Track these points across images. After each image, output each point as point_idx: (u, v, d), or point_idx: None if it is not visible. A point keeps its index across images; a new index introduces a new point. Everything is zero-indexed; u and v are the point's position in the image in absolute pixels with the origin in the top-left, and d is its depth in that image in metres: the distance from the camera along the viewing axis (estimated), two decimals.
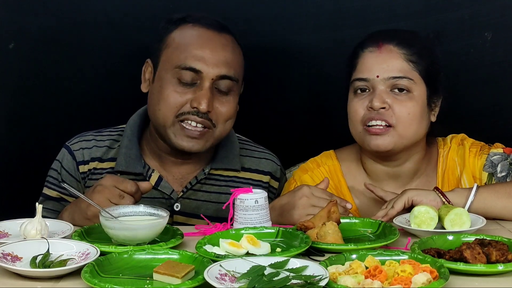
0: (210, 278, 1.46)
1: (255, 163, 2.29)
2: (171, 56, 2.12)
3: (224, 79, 2.11)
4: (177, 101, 2.09)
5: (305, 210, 1.97)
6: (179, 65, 2.10)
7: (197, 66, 2.09)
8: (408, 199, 1.98)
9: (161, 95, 2.11)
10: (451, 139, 2.24)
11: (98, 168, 2.22)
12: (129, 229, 1.73)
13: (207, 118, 2.10)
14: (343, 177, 2.23)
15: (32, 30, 2.56)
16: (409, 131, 2.09)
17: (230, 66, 2.12)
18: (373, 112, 2.08)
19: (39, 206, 1.79)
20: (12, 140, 2.63)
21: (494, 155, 2.17)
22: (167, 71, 2.12)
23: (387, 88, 2.08)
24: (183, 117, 2.10)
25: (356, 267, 1.52)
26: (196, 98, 2.08)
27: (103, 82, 2.61)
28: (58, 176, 2.22)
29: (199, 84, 2.10)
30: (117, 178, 1.96)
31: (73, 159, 2.23)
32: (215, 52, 2.11)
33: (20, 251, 1.65)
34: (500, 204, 1.99)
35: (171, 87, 2.10)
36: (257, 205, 1.85)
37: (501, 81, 2.61)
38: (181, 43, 2.12)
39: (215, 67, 2.10)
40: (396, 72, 2.08)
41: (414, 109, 2.08)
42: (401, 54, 2.09)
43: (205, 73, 2.09)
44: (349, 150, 2.26)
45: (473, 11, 2.56)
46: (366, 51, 2.12)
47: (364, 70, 2.11)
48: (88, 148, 2.23)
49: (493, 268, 1.56)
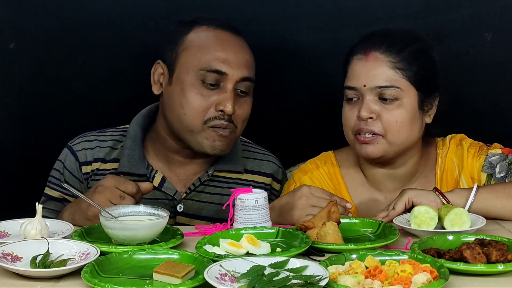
0: (210, 278, 1.46)
1: (257, 165, 2.30)
2: (193, 58, 2.12)
3: (245, 80, 2.14)
4: (203, 104, 2.10)
5: (305, 211, 1.97)
6: (204, 68, 2.10)
7: (222, 68, 2.10)
8: (408, 200, 1.98)
9: (184, 98, 2.11)
10: (450, 140, 2.23)
11: (101, 169, 2.22)
12: (129, 229, 1.73)
13: (231, 120, 2.12)
14: (342, 178, 2.23)
15: (33, 30, 2.56)
16: (399, 138, 2.08)
17: (250, 67, 2.15)
18: (362, 123, 2.07)
19: (39, 206, 1.79)
20: (13, 140, 2.62)
21: (492, 155, 2.17)
22: (189, 73, 2.12)
23: (375, 96, 2.07)
24: (212, 123, 2.11)
25: (356, 267, 1.52)
26: (221, 101, 2.10)
27: (103, 82, 2.61)
28: (60, 177, 2.22)
29: (222, 86, 2.11)
30: (118, 178, 1.97)
31: (75, 159, 2.23)
32: (237, 54, 2.13)
33: (20, 251, 1.65)
34: (500, 204, 1.99)
35: (195, 90, 2.11)
36: (257, 205, 1.85)
37: (501, 81, 2.61)
38: (202, 45, 2.13)
39: (239, 69, 2.12)
40: (382, 82, 2.06)
41: (402, 116, 2.07)
42: (388, 62, 2.07)
43: (230, 75, 2.10)
44: (348, 151, 2.26)
45: (473, 11, 2.56)
46: (355, 59, 2.11)
47: (353, 79, 2.10)
48: (90, 149, 2.23)
49: (493, 268, 1.56)
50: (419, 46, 2.12)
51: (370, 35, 2.15)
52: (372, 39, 2.12)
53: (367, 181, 2.22)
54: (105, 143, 2.25)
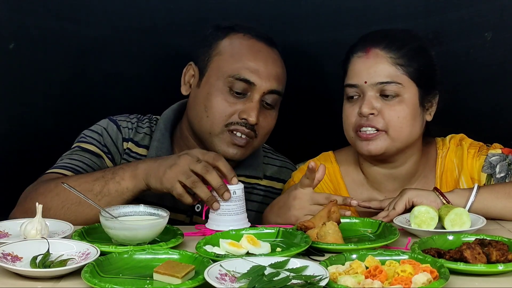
0: (210, 278, 1.46)
1: (277, 172, 2.33)
2: (224, 64, 2.14)
3: (273, 93, 2.15)
4: (227, 110, 2.12)
5: (302, 211, 1.97)
6: (233, 75, 2.12)
7: (251, 78, 2.11)
8: (408, 200, 1.98)
9: (209, 102, 2.13)
10: (450, 140, 2.23)
11: (133, 151, 2.23)
12: (129, 229, 1.73)
13: (253, 129, 2.13)
14: (342, 178, 2.23)
15: (32, 30, 2.56)
16: (401, 134, 2.08)
17: (279, 81, 2.16)
18: (363, 119, 2.08)
19: (39, 206, 1.79)
20: (12, 140, 2.62)
21: (492, 156, 2.17)
22: (218, 78, 2.13)
23: (376, 93, 2.08)
24: (232, 127, 2.12)
25: (356, 267, 1.52)
26: (246, 110, 2.11)
27: (103, 83, 2.61)
28: (99, 138, 2.20)
29: (249, 96, 2.12)
30: (214, 160, 1.89)
31: (118, 131, 2.23)
32: (268, 66, 2.14)
33: (20, 251, 1.65)
34: (500, 205, 1.99)
35: (221, 95, 2.12)
36: (235, 195, 1.89)
37: (501, 81, 2.61)
38: (235, 53, 2.14)
39: (267, 81, 2.13)
40: (383, 77, 2.07)
41: (404, 112, 2.07)
42: (388, 58, 2.08)
43: (258, 86, 2.11)
44: (347, 151, 2.26)
45: (473, 11, 2.56)
46: (355, 56, 2.11)
47: (353, 76, 2.10)
48: (130, 129, 2.25)
49: (493, 268, 1.56)
50: (418, 43, 2.14)
51: (369, 34, 2.16)
52: (372, 37, 2.13)
53: (367, 181, 2.22)
54: (142, 128, 2.26)
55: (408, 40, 2.12)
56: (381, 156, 2.12)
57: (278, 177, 2.32)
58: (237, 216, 1.89)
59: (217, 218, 1.89)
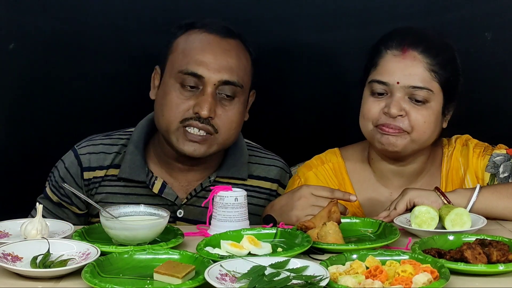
0: (210, 278, 1.46)
1: (264, 170, 2.28)
2: (175, 61, 2.11)
3: (228, 84, 2.10)
4: (180, 106, 2.08)
5: (304, 211, 1.97)
6: (181, 70, 2.09)
7: (198, 71, 2.08)
8: (409, 201, 1.98)
9: (164, 100, 2.11)
10: (456, 140, 2.24)
11: (103, 176, 2.20)
12: (129, 229, 1.73)
13: (209, 124, 2.08)
14: (347, 174, 2.23)
15: (32, 31, 2.56)
16: (422, 138, 2.08)
17: (233, 71, 2.10)
18: (389, 119, 2.06)
19: (40, 206, 1.79)
20: (13, 140, 2.62)
21: (497, 156, 2.17)
22: (171, 76, 2.11)
23: (405, 95, 2.06)
24: (187, 123, 2.08)
25: (357, 267, 1.52)
26: (198, 104, 2.07)
27: (104, 83, 2.61)
28: (59, 180, 2.20)
29: (201, 90, 2.09)
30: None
31: (78, 164, 2.20)
32: (217, 57, 2.09)
33: (21, 251, 1.65)
34: (502, 205, 1.99)
35: (173, 92, 2.10)
36: (236, 202, 1.87)
37: (501, 81, 2.61)
38: (185, 48, 2.11)
39: (217, 73, 2.08)
40: (417, 82, 2.05)
41: (430, 118, 2.07)
42: (425, 63, 2.06)
43: (207, 78, 2.08)
44: (354, 148, 2.26)
45: (473, 11, 2.56)
46: (390, 53, 2.08)
47: (385, 74, 2.08)
48: (95, 153, 2.21)
49: (493, 268, 1.56)
50: (451, 53, 2.13)
51: (405, 32, 2.13)
52: (409, 37, 2.09)
53: (374, 176, 2.22)
54: (111, 148, 2.22)
55: (443, 48, 2.11)
56: (394, 154, 2.11)
57: (266, 176, 2.27)
58: (239, 223, 1.87)
59: (219, 225, 1.87)
